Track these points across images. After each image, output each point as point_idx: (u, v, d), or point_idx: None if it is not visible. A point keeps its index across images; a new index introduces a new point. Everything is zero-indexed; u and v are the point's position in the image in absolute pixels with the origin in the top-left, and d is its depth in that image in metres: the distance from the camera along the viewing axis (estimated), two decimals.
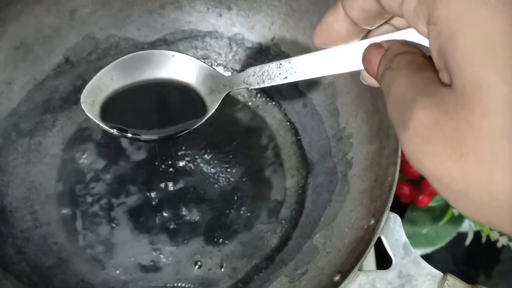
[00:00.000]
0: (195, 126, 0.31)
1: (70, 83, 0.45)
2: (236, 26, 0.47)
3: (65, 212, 0.42)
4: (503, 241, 0.52)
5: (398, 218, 0.35)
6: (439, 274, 0.33)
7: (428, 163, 0.17)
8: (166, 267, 0.41)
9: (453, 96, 0.17)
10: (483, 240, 0.53)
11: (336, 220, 0.39)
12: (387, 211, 0.34)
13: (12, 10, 0.41)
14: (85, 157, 0.43)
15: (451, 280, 0.32)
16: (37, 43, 0.43)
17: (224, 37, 0.47)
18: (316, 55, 0.26)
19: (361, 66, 0.24)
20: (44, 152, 0.43)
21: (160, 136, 0.32)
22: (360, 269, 0.33)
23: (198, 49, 0.47)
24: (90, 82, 0.31)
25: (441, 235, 0.55)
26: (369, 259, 0.45)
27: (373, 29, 0.24)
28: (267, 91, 0.46)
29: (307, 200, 0.43)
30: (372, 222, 0.35)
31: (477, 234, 0.54)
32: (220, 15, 0.47)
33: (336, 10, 0.23)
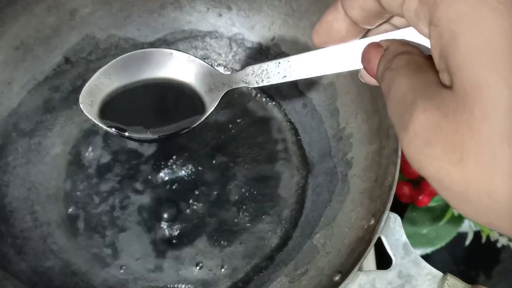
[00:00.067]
0: (194, 125, 0.31)
1: (70, 83, 0.45)
2: (236, 26, 0.47)
3: (66, 212, 0.41)
4: (503, 241, 0.52)
5: (398, 218, 0.35)
6: (439, 274, 0.33)
7: (429, 165, 0.17)
8: (167, 268, 0.41)
9: (454, 98, 0.17)
10: (483, 240, 0.53)
11: (336, 220, 0.39)
12: (387, 211, 0.34)
13: (12, 10, 0.41)
14: (89, 156, 0.43)
15: (451, 280, 0.32)
16: (37, 43, 0.43)
17: (224, 37, 0.47)
18: (315, 54, 0.26)
19: (361, 65, 0.24)
20: (44, 152, 0.43)
21: (160, 136, 0.32)
22: (360, 269, 0.33)
23: (198, 49, 0.47)
24: (89, 82, 0.31)
25: (441, 235, 0.54)
26: (369, 259, 0.45)
27: (373, 28, 0.24)
28: (267, 91, 0.46)
29: (307, 200, 0.43)
30: (372, 222, 0.35)
31: (477, 234, 0.54)
32: (220, 15, 0.47)
33: (336, 9, 0.23)
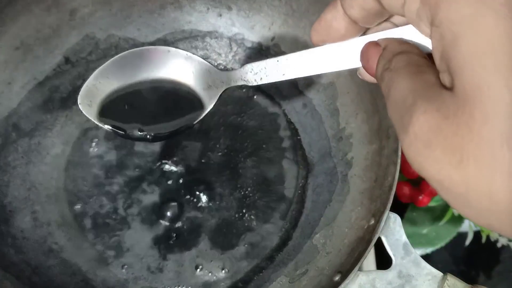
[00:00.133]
0: (194, 123, 0.31)
1: (70, 83, 0.45)
2: (236, 26, 0.47)
3: (68, 211, 0.41)
4: (503, 241, 0.52)
5: (398, 218, 0.35)
6: (439, 274, 0.33)
7: (429, 167, 0.17)
8: (167, 268, 0.40)
9: (454, 101, 0.17)
10: (483, 240, 0.53)
11: (336, 220, 0.39)
12: (387, 211, 0.34)
13: (12, 10, 0.41)
14: (90, 156, 0.43)
15: (451, 280, 0.32)
16: (37, 43, 0.43)
17: (224, 37, 0.47)
18: (314, 52, 0.25)
19: (360, 64, 0.24)
20: (44, 152, 0.43)
21: (158, 134, 0.32)
22: (360, 269, 0.33)
23: (198, 49, 0.47)
24: (87, 83, 0.31)
25: (441, 235, 0.55)
26: (369, 259, 0.45)
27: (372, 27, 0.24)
28: (267, 91, 0.46)
29: (307, 200, 0.43)
30: (372, 222, 0.35)
31: (477, 234, 0.54)
32: (220, 15, 0.47)
33: (335, 7, 0.23)
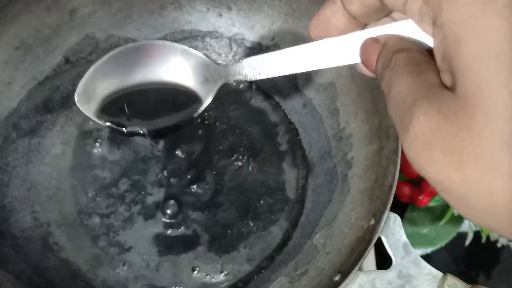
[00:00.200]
0: (192, 117, 0.31)
1: (70, 83, 0.45)
2: (236, 26, 0.47)
3: (69, 211, 0.41)
4: (503, 241, 0.52)
5: (398, 218, 0.35)
6: (439, 274, 0.33)
7: (429, 168, 0.17)
8: (168, 268, 0.41)
9: (455, 102, 0.17)
10: (483, 240, 0.53)
11: (336, 220, 0.39)
12: (387, 211, 0.34)
13: (12, 10, 0.41)
14: (92, 156, 0.43)
15: (451, 280, 0.32)
16: (37, 43, 0.43)
17: (224, 37, 0.47)
18: (314, 46, 0.25)
19: (359, 59, 0.24)
20: (44, 152, 0.43)
21: (156, 129, 0.32)
22: (360, 269, 0.33)
23: (198, 49, 0.47)
24: (83, 79, 0.31)
25: (441, 235, 0.55)
26: (369, 259, 0.45)
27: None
28: (267, 91, 0.46)
29: (307, 200, 0.43)
30: (372, 222, 0.35)
31: (477, 234, 0.54)
32: (220, 15, 0.47)
33: (334, 2, 0.23)
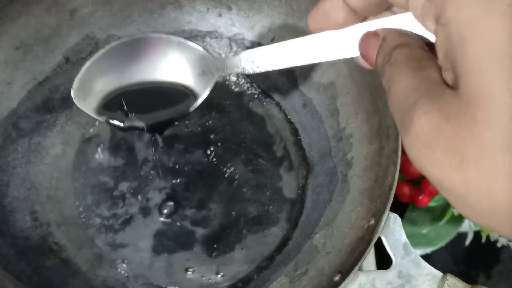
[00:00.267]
0: (190, 111, 0.31)
1: (70, 83, 0.44)
2: (236, 26, 0.47)
3: (69, 211, 0.42)
4: (503, 241, 0.52)
5: (398, 218, 0.35)
6: (439, 274, 0.33)
7: (430, 167, 0.17)
8: (164, 271, 0.41)
9: (457, 101, 0.17)
10: (483, 240, 0.53)
11: (336, 220, 0.39)
12: (387, 211, 0.34)
13: (12, 10, 0.41)
14: (92, 156, 0.43)
15: (451, 280, 0.32)
16: (37, 43, 0.43)
17: (224, 37, 0.47)
18: (313, 39, 0.25)
19: (358, 53, 0.23)
20: (44, 152, 0.43)
21: (154, 122, 0.32)
22: (360, 269, 0.33)
23: None
24: (79, 75, 0.31)
25: (441, 235, 0.55)
26: (369, 259, 0.45)
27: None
28: (267, 91, 0.46)
29: (307, 200, 0.43)
30: (372, 222, 0.35)
31: (477, 234, 0.54)
32: (220, 15, 0.47)
33: None
